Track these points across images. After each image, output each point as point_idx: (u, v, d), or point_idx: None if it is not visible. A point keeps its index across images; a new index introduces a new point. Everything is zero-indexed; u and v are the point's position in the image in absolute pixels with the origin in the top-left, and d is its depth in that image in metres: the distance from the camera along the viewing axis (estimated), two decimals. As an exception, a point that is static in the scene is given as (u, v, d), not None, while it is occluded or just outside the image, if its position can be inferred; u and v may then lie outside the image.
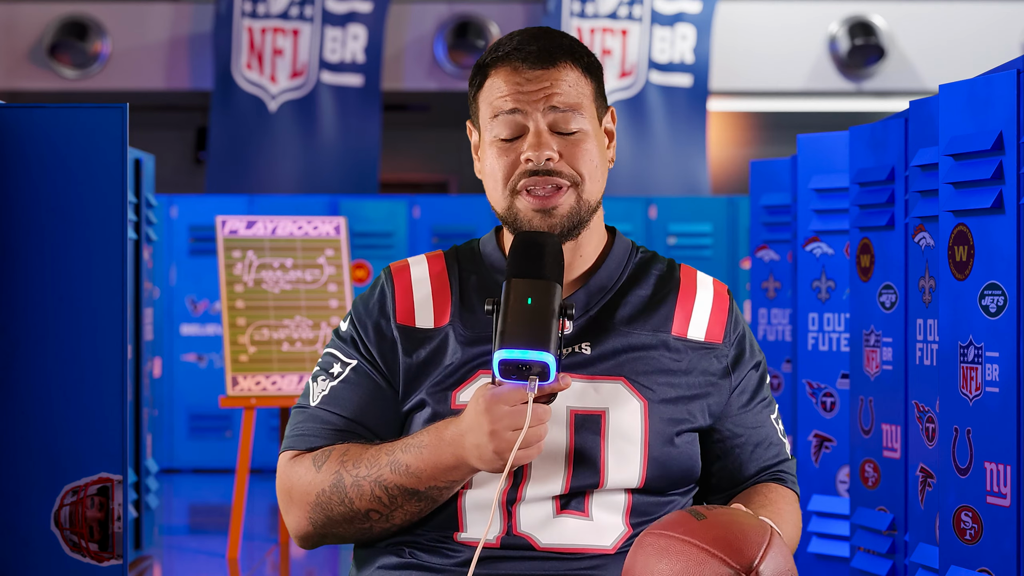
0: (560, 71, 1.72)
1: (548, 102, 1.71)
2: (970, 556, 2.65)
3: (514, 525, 1.70)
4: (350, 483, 1.69)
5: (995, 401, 2.59)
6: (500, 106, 1.72)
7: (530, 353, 1.57)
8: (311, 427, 1.76)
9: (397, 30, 8.95)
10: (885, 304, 3.35)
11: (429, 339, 1.75)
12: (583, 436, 1.71)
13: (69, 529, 2.69)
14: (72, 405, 2.70)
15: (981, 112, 2.64)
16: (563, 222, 1.72)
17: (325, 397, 1.77)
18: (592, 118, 1.75)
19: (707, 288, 1.82)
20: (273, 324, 5.07)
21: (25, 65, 8.88)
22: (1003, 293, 2.58)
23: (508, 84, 1.72)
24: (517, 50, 1.72)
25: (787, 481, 1.83)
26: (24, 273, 2.70)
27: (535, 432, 1.60)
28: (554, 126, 1.72)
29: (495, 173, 1.73)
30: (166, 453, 7.18)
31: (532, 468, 1.70)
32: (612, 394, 1.72)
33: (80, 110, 2.71)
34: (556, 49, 1.73)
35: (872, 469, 3.43)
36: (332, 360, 1.79)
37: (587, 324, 1.75)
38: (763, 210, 4.47)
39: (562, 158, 1.71)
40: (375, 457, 1.69)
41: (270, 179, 8.43)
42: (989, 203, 2.59)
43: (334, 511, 1.71)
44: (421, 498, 1.68)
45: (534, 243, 1.67)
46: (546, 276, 1.63)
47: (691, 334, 1.77)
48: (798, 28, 9.21)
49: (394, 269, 1.81)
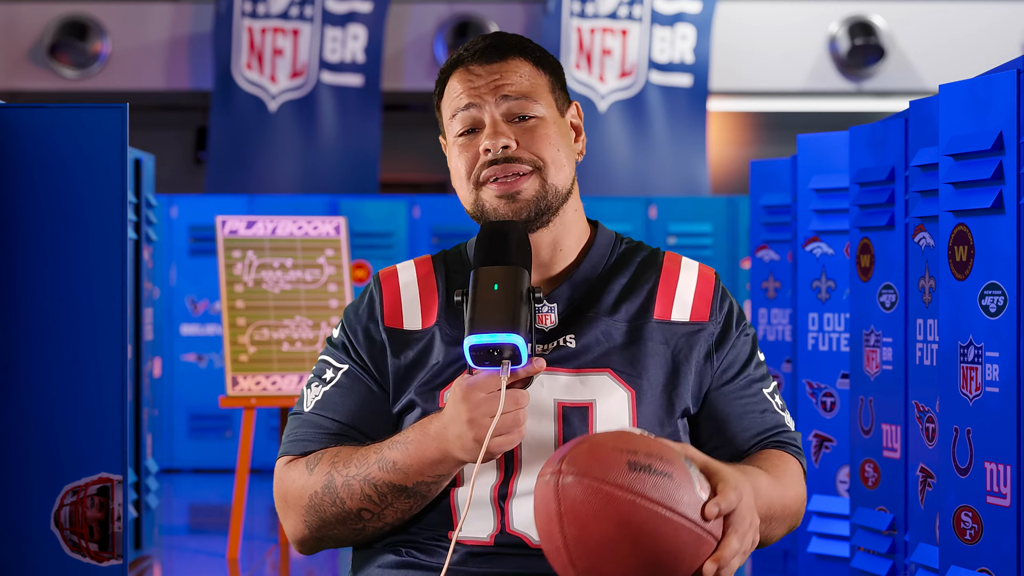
0: (509, 63, 1.76)
1: (499, 92, 1.74)
2: (970, 556, 2.65)
3: (507, 523, 1.70)
4: (341, 483, 1.71)
5: (995, 401, 2.59)
6: (457, 104, 1.76)
7: (499, 336, 1.58)
8: (305, 432, 1.78)
9: (397, 30, 8.95)
10: (885, 304, 3.35)
11: (417, 340, 1.77)
12: (571, 428, 1.71)
13: (69, 529, 2.69)
14: (72, 405, 2.70)
15: (981, 112, 2.64)
16: (528, 207, 1.73)
17: (318, 402, 1.79)
18: (550, 107, 1.77)
19: (691, 270, 1.81)
20: (273, 324, 5.07)
21: (25, 65, 8.88)
22: (1003, 293, 2.58)
23: (462, 84, 1.76)
24: (467, 51, 1.78)
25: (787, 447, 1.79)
26: (24, 273, 2.69)
27: (512, 417, 1.61)
28: (509, 115, 1.74)
29: (459, 170, 1.76)
30: (166, 453, 7.18)
31: (522, 462, 1.71)
32: (598, 385, 1.72)
33: (80, 110, 2.71)
34: (503, 45, 1.78)
35: (872, 469, 3.43)
36: (325, 366, 1.81)
37: (571, 317, 1.76)
38: (763, 210, 4.47)
39: (520, 145, 1.73)
40: (364, 457, 1.71)
41: (270, 179, 8.43)
42: (989, 203, 2.60)
43: (327, 512, 1.72)
44: (410, 494, 1.69)
45: (498, 231, 1.69)
46: (511, 262, 1.65)
47: (675, 315, 1.77)
48: (798, 28, 9.21)
49: (382, 275, 1.83)
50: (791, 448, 1.80)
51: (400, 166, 10.71)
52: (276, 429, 7.05)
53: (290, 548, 5.25)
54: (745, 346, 1.80)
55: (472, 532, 1.71)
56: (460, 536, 1.71)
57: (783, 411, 1.82)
